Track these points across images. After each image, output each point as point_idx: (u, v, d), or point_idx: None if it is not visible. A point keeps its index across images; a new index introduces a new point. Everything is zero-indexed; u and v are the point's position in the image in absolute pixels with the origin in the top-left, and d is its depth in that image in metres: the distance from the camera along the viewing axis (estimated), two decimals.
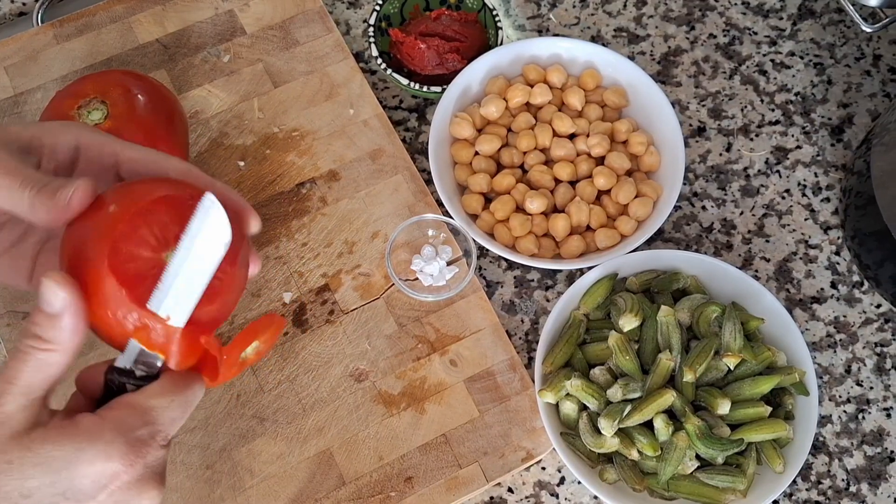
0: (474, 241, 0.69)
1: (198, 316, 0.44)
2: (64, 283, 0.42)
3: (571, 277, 0.73)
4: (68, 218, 0.44)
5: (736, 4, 0.83)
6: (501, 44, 0.76)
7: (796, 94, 0.80)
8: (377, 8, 0.77)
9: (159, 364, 0.44)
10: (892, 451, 0.68)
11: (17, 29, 0.81)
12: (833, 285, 0.73)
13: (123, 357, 0.44)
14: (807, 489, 0.67)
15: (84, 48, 0.77)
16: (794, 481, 0.67)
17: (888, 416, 0.69)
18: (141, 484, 0.43)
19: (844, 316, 0.72)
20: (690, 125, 0.78)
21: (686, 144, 0.77)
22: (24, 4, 0.84)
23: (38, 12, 0.81)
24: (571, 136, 0.73)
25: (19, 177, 0.44)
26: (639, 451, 0.61)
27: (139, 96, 0.66)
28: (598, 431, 0.62)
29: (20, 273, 0.51)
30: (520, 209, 0.71)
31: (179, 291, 0.43)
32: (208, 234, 0.42)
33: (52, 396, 0.44)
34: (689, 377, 0.61)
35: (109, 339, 0.44)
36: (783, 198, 0.76)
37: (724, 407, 0.61)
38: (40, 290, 0.42)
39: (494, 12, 0.77)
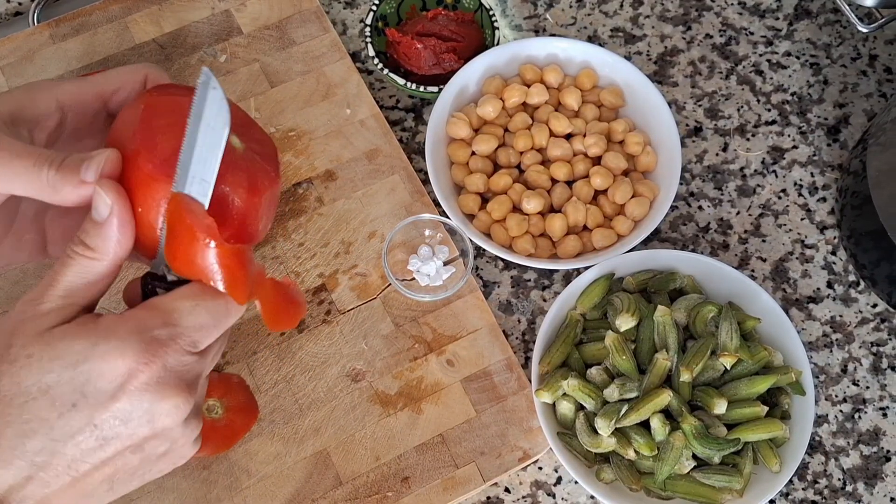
0: (471, 240, 0.69)
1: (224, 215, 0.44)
2: (112, 190, 0.42)
3: (568, 277, 0.73)
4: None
5: (732, 4, 0.83)
6: (498, 44, 0.76)
7: (792, 94, 0.80)
8: (374, 8, 0.77)
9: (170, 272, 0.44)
10: (888, 451, 0.68)
11: (13, 29, 0.81)
12: (829, 285, 0.73)
13: (156, 260, 0.44)
14: (803, 489, 0.67)
15: (80, 48, 0.76)
16: (791, 481, 0.67)
17: (884, 415, 0.69)
18: (161, 387, 0.42)
19: (841, 315, 0.72)
20: (687, 125, 0.79)
21: (682, 144, 0.77)
22: (20, 4, 0.84)
23: (34, 12, 0.81)
24: (568, 136, 0.73)
25: (31, 157, 0.43)
26: (635, 451, 0.61)
27: None
28: (594, 431, 0.62)
29: (32, 248, 0.50)
30: (516, 209, 0.71)
31: (195, 168, 0.42)
32: (210, 108, 0.43)
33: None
34: (685, 377, 0.62)
35: (144, 247, 0.45)
36: (779, 198, 0.76)
37: (720, 407, 0.61)
38: (93, 199, 0.42)
39: (491, 12, 0.77)
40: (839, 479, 0.67)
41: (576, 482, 0.67)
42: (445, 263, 0.70)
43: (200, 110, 0.43)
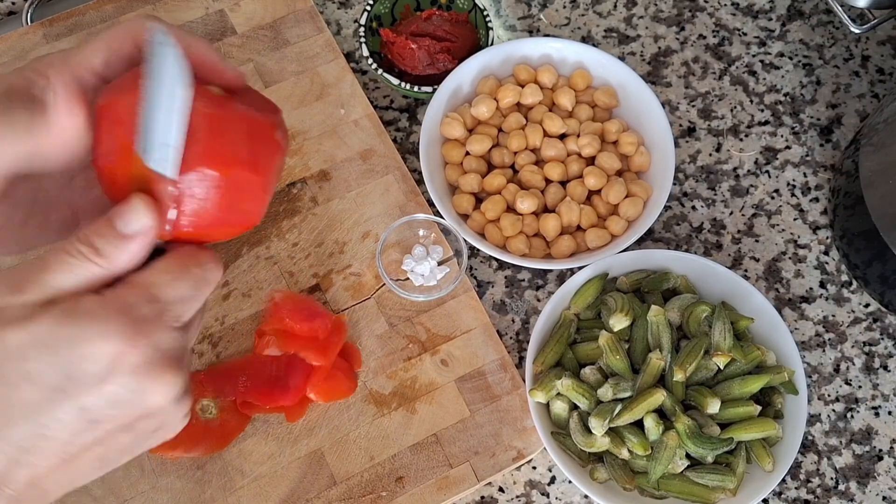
0: (465, 240, 0.69)
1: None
2: (151, 209, 0.40)
3: (562, 277, 0.73)
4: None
5: (725, 5, 0.83)
6: (492, 44, 0.76)
7: (785, 95, 0.80)
8: (368, 8, 0.77)
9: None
10: (880, 450, 0.68)
11: (7, 28, 0.81)
12: (822, 285, 0.73)
13: None
14: (796, 488, 0.67)
15: None
16: (784, 480, 0.67)
17: (876, 414, 0.69)
18: (152, 367, 0.40)
19: (833, 315, 0.72)
20: (680, 125, 0.79)
21: (676, 144, 0.77)
22: (13, 4, 0.83)
23: (28, 12, 0.81)
24: (562, 137, 0.74)
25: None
26: (629, 451, 0.61)
27: None
28: (588, 431, 0.62)
29: (61, 226, 0.48)
30: (510, 209, 0.71)
31: (155, 133, 0.40)
32: (165, 68, 0.40)
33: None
34: (679, 376, 0.62)
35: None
36: (772, 198, 0.76)
37: (713, 406, 0.61)
38: (124, 207, 0.40)
39: (485, 13, 0.77)
40: (832, 479, 0.68)
41: (570, 482, 0.67)
42: (439, 263, 0.70)
43: (155, 70, 0.40)
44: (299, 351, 0.63)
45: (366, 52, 0.75)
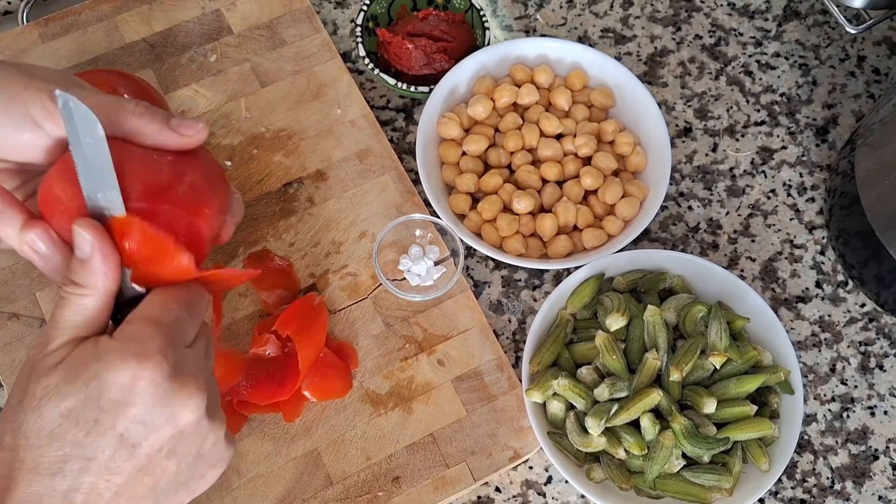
0: (462, 240, 0.69)
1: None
2: (90, 228, 0.45)
3: (558, 277, 0.73)
4: None
5: (722, 5, 0.84)
6: (489, 44, 0.76)
7: (781, 95, 0.80)
8: (364, 8, 0.77)
9: (137, 286, 0.47)
10: (876, 450, 0.68)
11: (3, 28, 0.81)
12: (818, 285, 0.74)
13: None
14: (792, 487, 0.67)
15: (70, 47, 0.76)
16: (780, 479, 0.67)
17: (872, 414, 0.70)
18: (170, 382, 0.44)
19: (829, 315, 0.73)
20: (677, 125, 0.79)
21: (672, 145, 0.77)
22: (9, 3, 0.83)
23: (24, 11, 0.81)
24: (558, 137, 0.74)
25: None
26: (626, 450, 0.61)
27: (125, 96, 0.66)
28: (585, 431, 0.62)
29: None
30: (507, 209, 0.71)
31: (91, 177, 0.45)
32: (80, 123, 0.45)
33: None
34: (675, 376, 0.62)
35: None
36: (768, 198, 0.76)
37: (710, 406, 0.61)
38: (74, 239, 0.46)
39: (482, 13, 0.77)
40: (828, 478, 0.68)
41: (566, 481, 0.67)
42: (436, 263, 0.70)
43: (74, 129, 0.45)
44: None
45: (362, 52, 0.75)
